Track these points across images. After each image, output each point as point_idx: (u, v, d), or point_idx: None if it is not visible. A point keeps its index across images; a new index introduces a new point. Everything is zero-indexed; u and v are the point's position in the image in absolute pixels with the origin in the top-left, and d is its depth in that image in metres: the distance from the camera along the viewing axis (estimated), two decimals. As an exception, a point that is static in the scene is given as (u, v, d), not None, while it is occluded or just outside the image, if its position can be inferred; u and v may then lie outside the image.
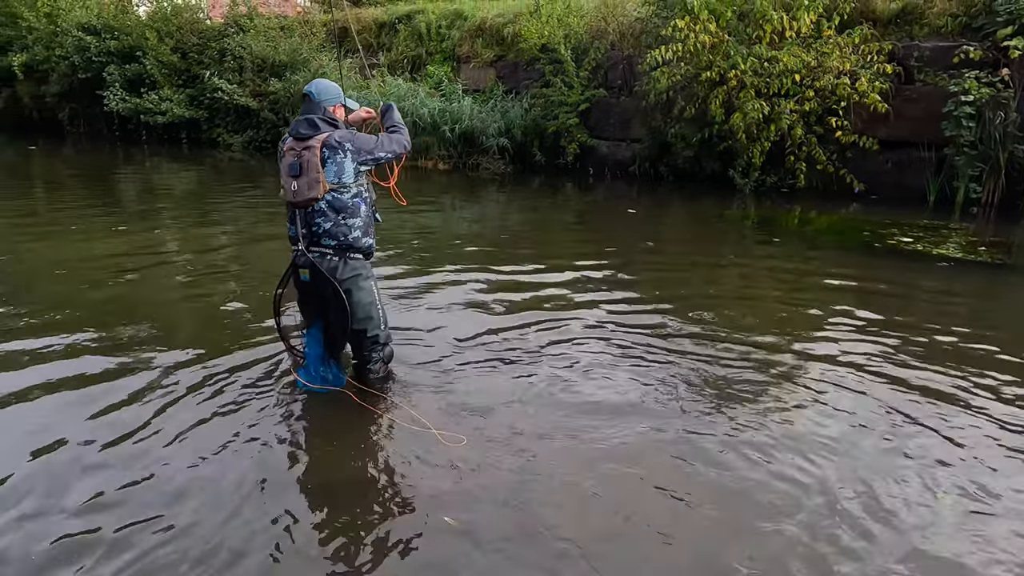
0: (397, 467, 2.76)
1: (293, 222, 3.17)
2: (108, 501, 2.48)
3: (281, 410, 3.19)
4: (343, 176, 3.10)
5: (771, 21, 8.47)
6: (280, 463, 2.77)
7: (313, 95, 3.17)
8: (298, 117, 3.17)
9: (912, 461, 2.79)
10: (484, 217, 8.51)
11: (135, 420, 3.05)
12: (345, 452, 2.89)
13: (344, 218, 3.14)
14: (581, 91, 11.03)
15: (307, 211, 3.11)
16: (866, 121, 8.50)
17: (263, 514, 2.42)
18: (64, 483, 2.57)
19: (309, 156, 3.04)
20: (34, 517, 2.38)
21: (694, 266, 5.93)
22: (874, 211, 8.11)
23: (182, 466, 2.70)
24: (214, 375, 3.51)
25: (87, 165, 14.01)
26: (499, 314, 4.50)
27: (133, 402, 3.22)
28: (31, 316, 4.34)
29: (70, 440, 2.87)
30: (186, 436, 2.93)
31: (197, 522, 2.37)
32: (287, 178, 3.09)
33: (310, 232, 3.13)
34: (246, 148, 14.96)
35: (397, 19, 14.75)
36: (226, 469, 2.69)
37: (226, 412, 3.15)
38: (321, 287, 3.15)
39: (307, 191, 3.05)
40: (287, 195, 3.11)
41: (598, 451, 2.85)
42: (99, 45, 16.21)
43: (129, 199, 10.13)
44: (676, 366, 3.67)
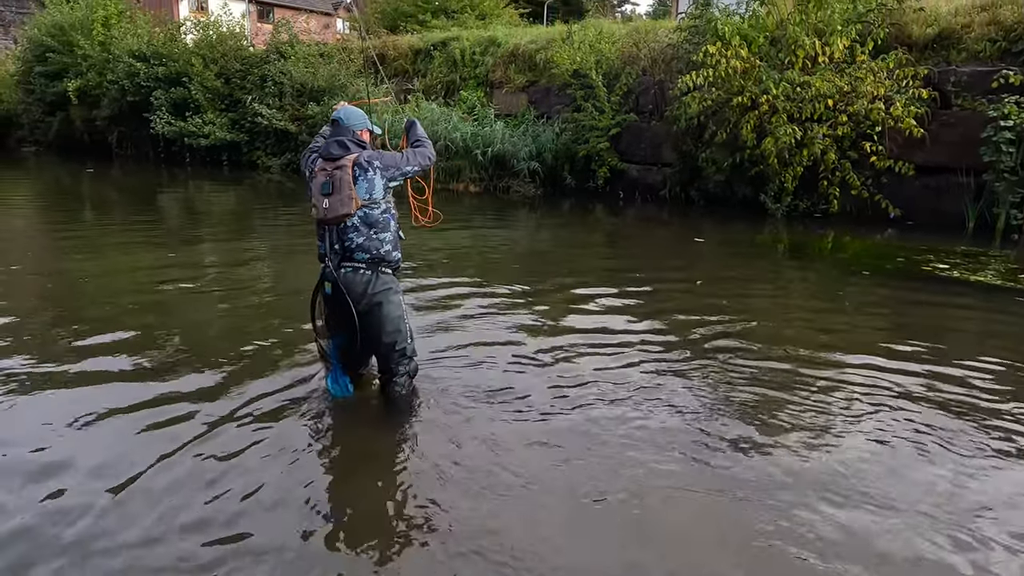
0: (422, 483, 2.79)
1: (323, 239, 3.26)
2: (189, 523, 2.51)
3: (315, 424, 3.25)
4: (374, 192, 3.21)
5: (803, 47, 8.47)
6: (310, 479, 2.81)
7: (342, 120, 3.32)
8: (328, 140, 3.29)
9: (961, 505, 2.69)
10: (514, 238, 8.58)
11: (184, 438, 3.07)
12: (384, 472, 2.91)
13: (376, 232, 3.24)
14: (612, 116, 11.11)
15: (339, 227, 3.20)
16: (902, 146, 8.39)
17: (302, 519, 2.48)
18: (134, 510, 2.63)
19: (341, 175, 3.15)
20: (117, 546, 2.38)
21: (726, 291, 5.87)
22: (910, 237, 7.97)
23: (240, 487, 2.71)
24: (251, 392, 3.55)
25: (134, 186, 14.55)
26: (526, 334, 4.52)
27: (181, 421, 3.23)
28: (77, 334, 4.50)
29: (116, 462, 2.90)
30: (235, 456, 2.94)
31: (277, 542, 2.42)
32: (319, 196, 3.19)
33: (343, 247, 3.22)
34: (284, 170, 15.38)
35: (432, 46, 15.09)
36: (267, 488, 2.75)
37: (263, 429, 3.20)
38: (343, 300, 3.22)
39: (339, 208, 3.15)
40: (319, 213, 3.21)
41: (641, 478, 2.80)
42: (148, 71, 16.89)
43: (172, 218, 10.48)
44: (711, 392, 3.62)
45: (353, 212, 3.17)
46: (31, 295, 5.55)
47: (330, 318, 3.38)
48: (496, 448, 3.03)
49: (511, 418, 3.31)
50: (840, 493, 2.70)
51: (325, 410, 3.38)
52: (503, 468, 2.87)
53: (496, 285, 5.76)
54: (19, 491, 2.66)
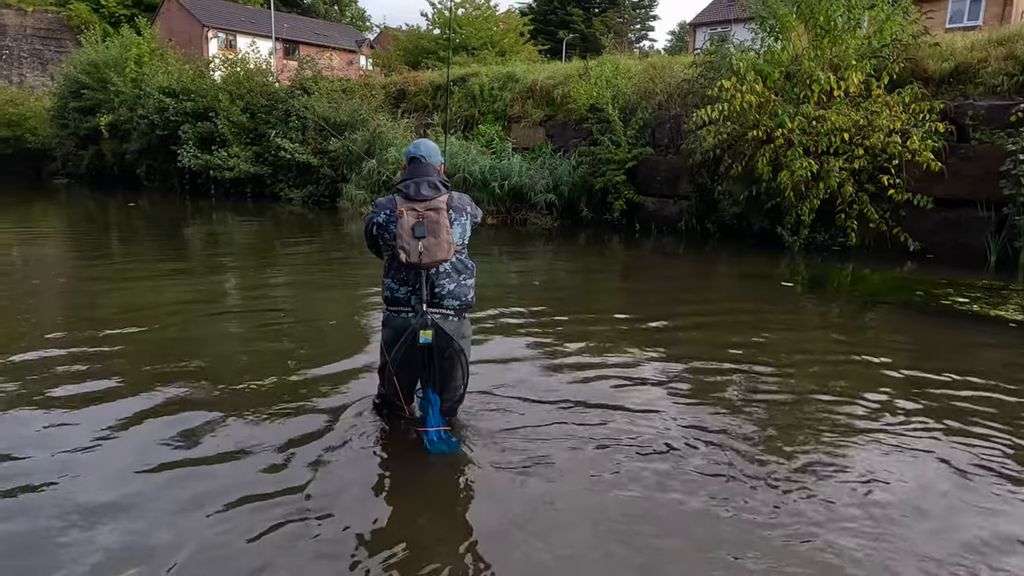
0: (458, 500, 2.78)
1: (406, 283, 3.06)
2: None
3: (361, 456, 3.21)
4: (464, 237, 3.14)
5: (819, 81, 8.53)
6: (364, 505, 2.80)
7: (424, 158, 3.17)
8: (412, 179, 3.10)
9: (974, 549, 2.62)
10: (531, 268, 8.62)
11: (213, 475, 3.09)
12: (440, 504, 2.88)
13: (464, 278, 3.14)
14: (628, 149, 11.22)
15: (431, 272, 3.04)
16: (920, 179, 8.35)
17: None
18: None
19: (437, 218, 3.00)
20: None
21: (742, 323, 5.83)
22: (930, 271, 7.88)
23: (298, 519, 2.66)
24: (291, 429, 3.52)
25: (162, 217, 14.89)
26: (546, 364, 4.52)
27: (209, 460, 3.28)
28: (96, 361, 4.59)
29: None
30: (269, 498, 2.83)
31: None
32: (411, 240, 2.96)
33: (432, 294, 3.05)
34: (305, 202, 15.67)
35: (453, 81, 15.41)
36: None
37: (282, 468, 3.21)
38: (441, 349, 3.06)
39: (437, 252, 2.97)
40: (412, 257, 2.96)
41: (664, 513, 2.76)
42: (177, 106, 17.44)
43: (196, 248, 10.70)
44: (730, 427, 3.55)
45: (449, 258, 3.02)
46: (57, 320, 5.68)
47: (405, 369, 3.14)
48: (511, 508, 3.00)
49: (518, 462, 3.28)
50: (870, 535, 2.64)
51: (363, 445, 3.37)
52: (521, 531, 2.85)
53: (512, 317, 5.78)
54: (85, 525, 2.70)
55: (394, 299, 3.11)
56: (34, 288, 7.15)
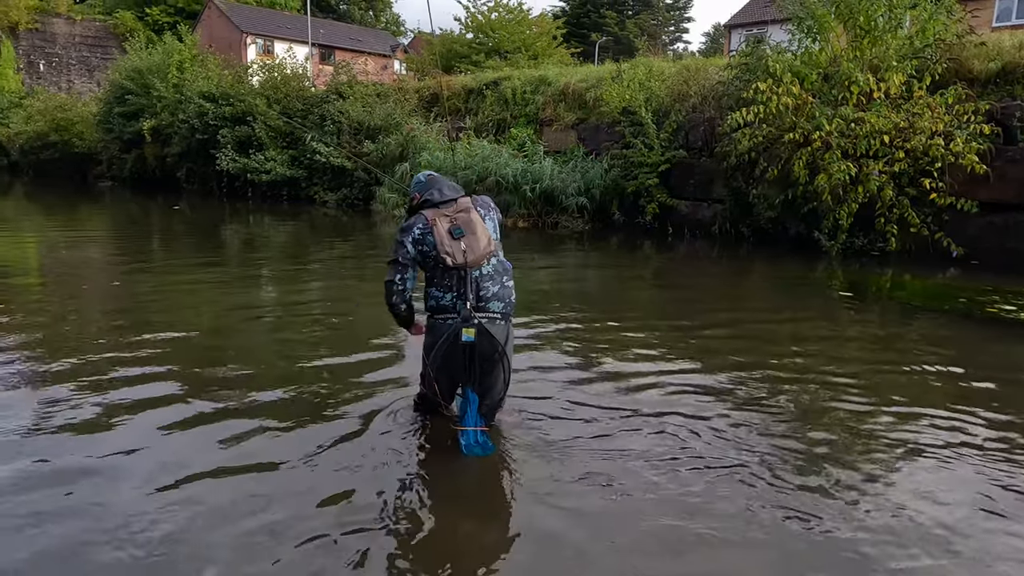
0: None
1: (450, 288, 3.03)
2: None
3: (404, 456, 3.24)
4: (496, 234, 3.13)
5: (858, 83, 8.35)
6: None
7: (434, 172, 3.37)
8: (435, 188, 3.17)
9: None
10: (563, 272, 8.60)
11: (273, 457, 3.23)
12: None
13: (506, 280, 3.13)
14: (661, 152, 11.12)
15: (475, 275, 3.03)
16: (964, 183, 8.11)
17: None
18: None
19: (468, 217, 3.04)
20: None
21: (778, 331, 5.73)
22: (975, 277, 7.65)
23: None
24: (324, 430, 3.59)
25: (201, 219, 15.25)
26: (578, 370, 4.51)
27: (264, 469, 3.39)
28: (139, 365, 4.71)
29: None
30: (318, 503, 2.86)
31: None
32: (451, 242, 2.97)
33: (477, 297, 3.04)
34: (340, 205, 15.89)
35: (484, 85, 15.50)
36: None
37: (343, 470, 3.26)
38: (485, 353, 3.04)
39: (478, 247, 2.98)
40: (457, 258, 2.96)
41: (700, 526, 2.69)
42: (216, 111, 17.85)
43: (235, 250, 10.94)
44: (764, 439, 3.47)
45: (494, 250, 3.04)
46: (100, 323, 5.85)
47: (446, 371, 3.13)
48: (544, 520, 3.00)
49: (568, 474, 3.26)
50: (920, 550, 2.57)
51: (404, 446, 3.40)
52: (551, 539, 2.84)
53: (546, 322, 5.77)
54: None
55: (440, 307, 3.08)
56: (79, 291, 7.37)
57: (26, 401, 3.81)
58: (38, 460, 3.11)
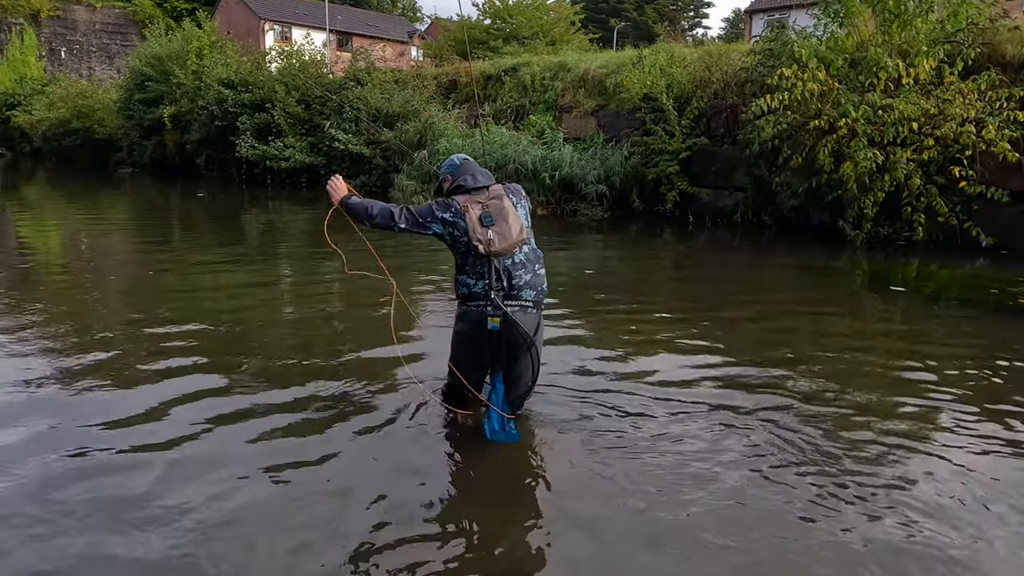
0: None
1: (483, 276, 3.01)
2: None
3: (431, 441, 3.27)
4: (528, 221, 3.10)
5: (886, 69, 8.16)
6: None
7: (465, 158, 3.30)
8: (468, 174, 3.16)
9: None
10: (582, 260, 8.54)
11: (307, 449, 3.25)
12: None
13: (538, 268, 3.10)
14: (682, 139, 10.98)
15: (508, 263, 3.00)
16: (994, 171, 7.92)
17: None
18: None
19: (500, 204, 3.01)
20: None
21: (801, 322, 5.65)
22: (1006, 267, 7.49)
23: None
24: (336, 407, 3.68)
25: (221, 206, 15.34)
26: (597, 359, 4.48)
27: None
28: (166, 356, 4.75)
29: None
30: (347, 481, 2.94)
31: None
32: (481, 229, 2.96)
33: (509, 285, 3.00)
34: (359, 191, 15.87)
35: (503, 71, 15.38)
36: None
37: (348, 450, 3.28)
38: (514, 343, 3.04)
39: (511, 234, 2.96)
40: (488, 245, 2.95)
41: (706, 522, 2.67)
42: (235, 97, 17.89)
43: (253, 236, 10.99)
44: (781, 437, 3.37)
45: (526, 238, 3.01)
46: (122, 312, 5.91)
47: (476, 358, 3.16)
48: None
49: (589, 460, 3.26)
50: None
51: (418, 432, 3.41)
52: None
53: (566, 308, 5.73)
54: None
55: (472, 295, 3.06)
56: (105, 281, 7.45)
57: (55, 394, 3.84)
58: (73, 453, 3.12)
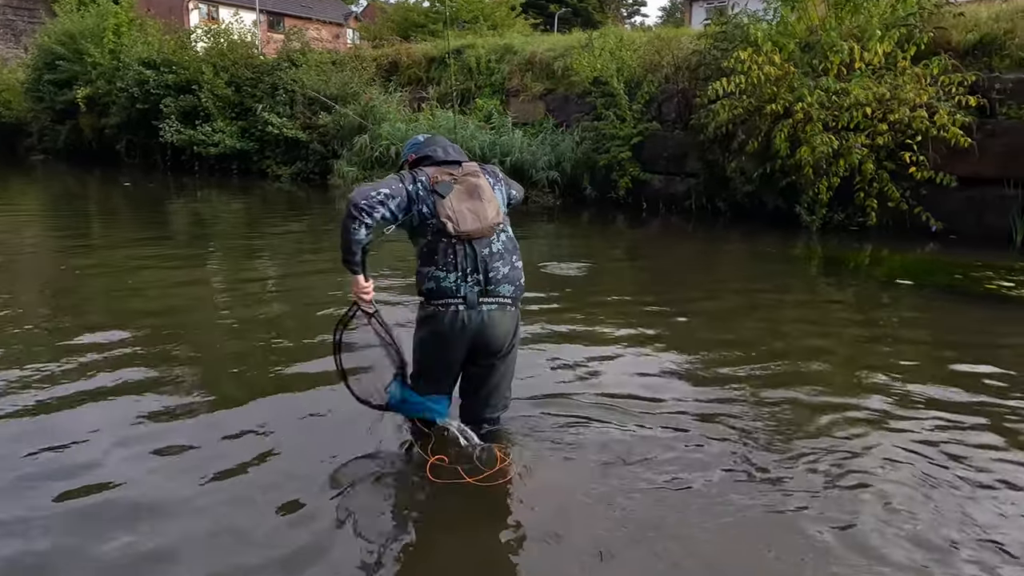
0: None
1: (453, 267, 2.52)
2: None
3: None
4: (504, 206, 2.68)
5: (839, 52, 8.10)
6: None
7: (434, 131, 2.87)
8: (437, 145, 2.71)
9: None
10: (534, 249, 8.19)
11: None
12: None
13: (516, 260, 2.69)
14: (634, 124, 10.76)
15: (484, 252, 2.55)
16: (943, 156, 7.98)
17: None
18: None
19: (476, 181, 2.59)
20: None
21: (756, 309, 5.53)
22: (954, 252, 7.56)
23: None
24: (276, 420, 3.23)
25: (142, 195, 14.26)
26: (550, 359, 4.16)
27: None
28: (80, 352, 4.16)
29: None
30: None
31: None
32: (457, 205, 2.51)
33: (487, 279, 2.56)
34: (294, 179, 15.08)
35: (447, 54, 14.82)
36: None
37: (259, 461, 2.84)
38: (492, 346, 2.63)
39: (488, 213, 2.54)
40: (462, 224, 2.49)
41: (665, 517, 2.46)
42: (157, 78, 16.71)
43: (179, 228, 10.17)
44: (737, 432, 3.16)
45: (501, 221, 2.60)
46: (38, 303, 5.21)
47: (443, 363, 2.67)
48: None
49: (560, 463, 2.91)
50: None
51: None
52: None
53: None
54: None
55: (439, 290, 2.55)
56: (15, 279, 6.66)
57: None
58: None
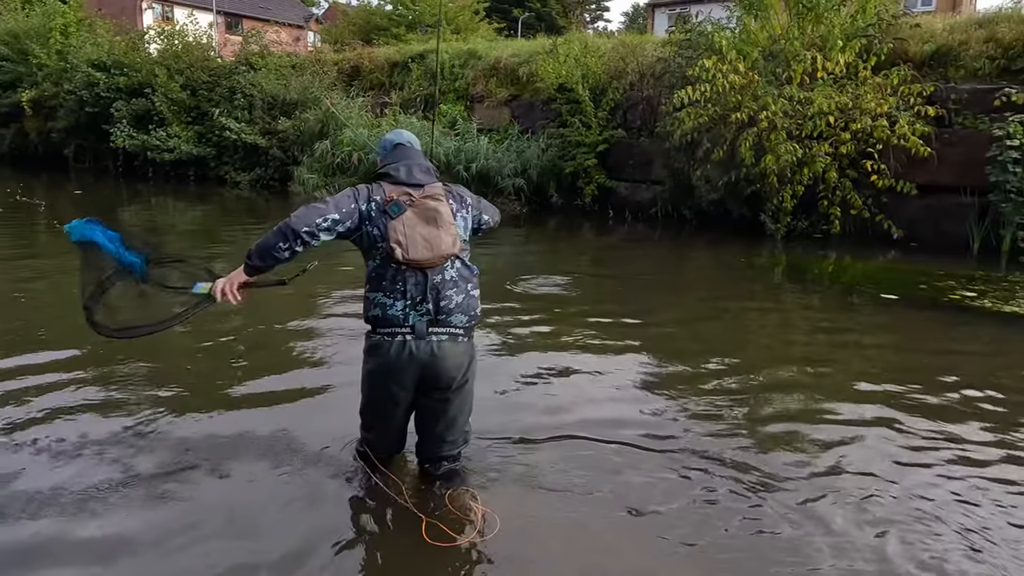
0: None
1: (402, 294, 2.37)
2: None
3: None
4: (466, 234, 2.54)
5: (802, 61, 8.17)
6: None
7: (409, 143, 2.61)
8: (403, 162, 2.51)
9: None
10: (499, 257, 8.04)
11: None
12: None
13: (472, 288, 2.52)
14: (599, 131, 10.73)
15: (436, 279, 2.40)
16: (904, 165, 8.12)
17: None
18: None
19: (437, 206, 2.42)
20: None
21: (721, 319, 5.53)
22: (915, 259, 7.69)
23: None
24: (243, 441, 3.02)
25: (93, 202, 13.68)
26: (514, 369, 4.05)
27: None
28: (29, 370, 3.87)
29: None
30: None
31: None
32: (406, 231, 2.36)
33: (436, 308, 2.41)
34: (254, 186, 14.66)
35: (410, 58, 14.62)
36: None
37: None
38: (446, 380, 2.45)
39: (442, 244, 2.38)
40: (412, 252, 2.34)
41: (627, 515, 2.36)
42: (108, 81, 16.10)
43: (133, 238, 9.74)
44: (699, 442, 3.15)
45: (457, 252, 2.43)
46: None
47: (387, 401, 2.51)
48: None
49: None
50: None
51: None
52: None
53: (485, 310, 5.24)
54: None
55: (385, 318, 2.41)
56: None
57: None
58: None
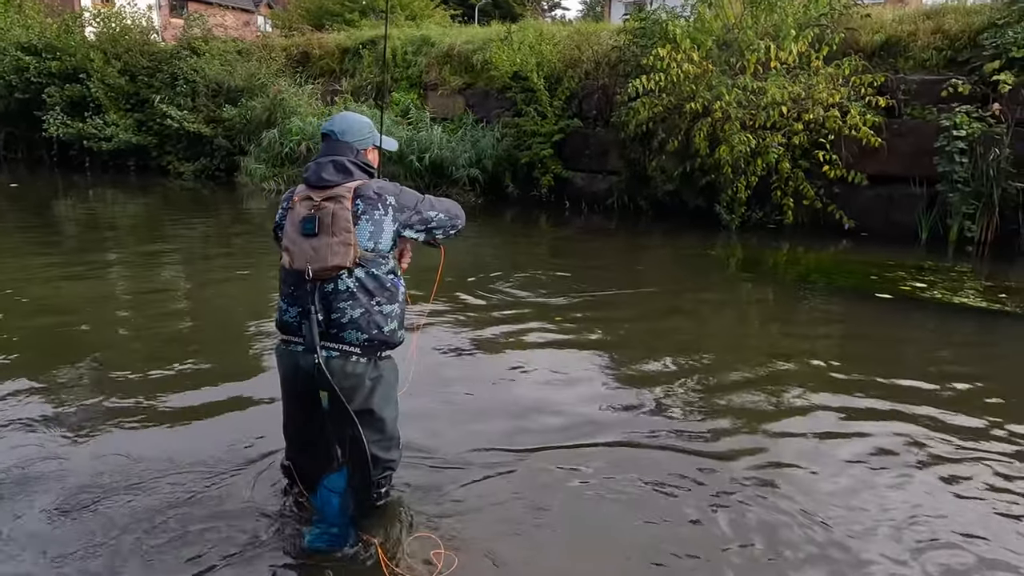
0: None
1: (295, 302, 2.22)
2: None
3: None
4: (380, 241, 2.22)
5: (756, 50, 8.13)
6: None
7: (336, 134, 2.32)
8: (317, 159, 2.29)
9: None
10: (454, 250, 7.82)
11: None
12: None
13: (379, 303, 2.23)
14: (555, 121, 10.57)
15: (326, 290, 2.19)
16: (855, 155, 8.17)
17: None
18: None
19: (335, 209, 2.15)
20: None
21: (678, 311, 5.47)
22: (866, 249, 7.75)
23: None
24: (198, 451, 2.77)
25: (24, 193, 12.93)
26: (463, 358, 3.92)
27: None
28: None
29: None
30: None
31: None
32: (297, 238, 2.17)
33: (328, 320, 2.19)
34: (198, 176, 14.08)
35: (361, 44, 14.19)
36: None
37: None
38: (333, 407, 2.18)
39: (329, 256, 2.13)
40: (294, 262, 2.17)
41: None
42: (39, 65, 15.23)
43: (69, 232, 9.21)
44: (654, 436, 3.13)
45: (349, 265, 2.16)
46: None
47: (292, 415, 2.34)
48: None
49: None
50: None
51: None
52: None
53: (430, 304, 5.04)
54: None
55: (283, 323, 2.28)
56: None
57: None
58: None
